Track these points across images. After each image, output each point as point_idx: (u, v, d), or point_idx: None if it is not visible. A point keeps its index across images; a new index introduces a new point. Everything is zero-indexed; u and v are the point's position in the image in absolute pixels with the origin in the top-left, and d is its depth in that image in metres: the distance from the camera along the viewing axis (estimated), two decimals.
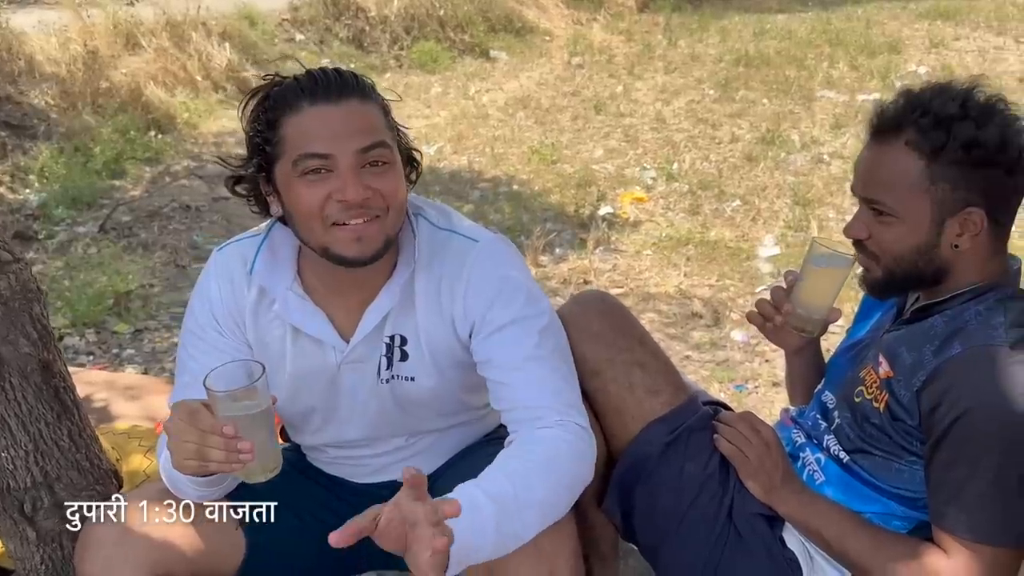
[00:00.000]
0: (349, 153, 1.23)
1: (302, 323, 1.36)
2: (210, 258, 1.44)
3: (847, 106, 6.37)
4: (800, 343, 1.56)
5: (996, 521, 1.21)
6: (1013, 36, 8.24)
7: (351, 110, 1.25)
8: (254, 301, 1.38)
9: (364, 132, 1.25)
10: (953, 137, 1.25)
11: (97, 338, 3.46)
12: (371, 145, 1.25)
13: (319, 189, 1.24)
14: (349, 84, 1.27)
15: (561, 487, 1.23)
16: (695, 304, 3.76)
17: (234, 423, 1.14)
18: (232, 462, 1.15)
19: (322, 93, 1.24)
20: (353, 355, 1.38)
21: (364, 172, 1.25)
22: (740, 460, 1.41)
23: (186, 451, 1.16)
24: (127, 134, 5.49)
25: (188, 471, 1.20)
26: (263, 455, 1.18)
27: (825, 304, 1.43)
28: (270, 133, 1.27)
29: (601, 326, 1.44)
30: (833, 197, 4.84)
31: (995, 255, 1.33)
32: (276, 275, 1.37)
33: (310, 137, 1.24)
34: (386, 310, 1.35)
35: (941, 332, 1.30)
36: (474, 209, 4.78)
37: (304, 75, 1.28)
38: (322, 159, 1.24)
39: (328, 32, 7.85)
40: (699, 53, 8.23)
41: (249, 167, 1.32)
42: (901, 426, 1.30)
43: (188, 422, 1.16)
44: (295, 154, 1.24)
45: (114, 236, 4.32)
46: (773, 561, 1.39)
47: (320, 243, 1.27)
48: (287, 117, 1.25)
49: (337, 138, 1.23)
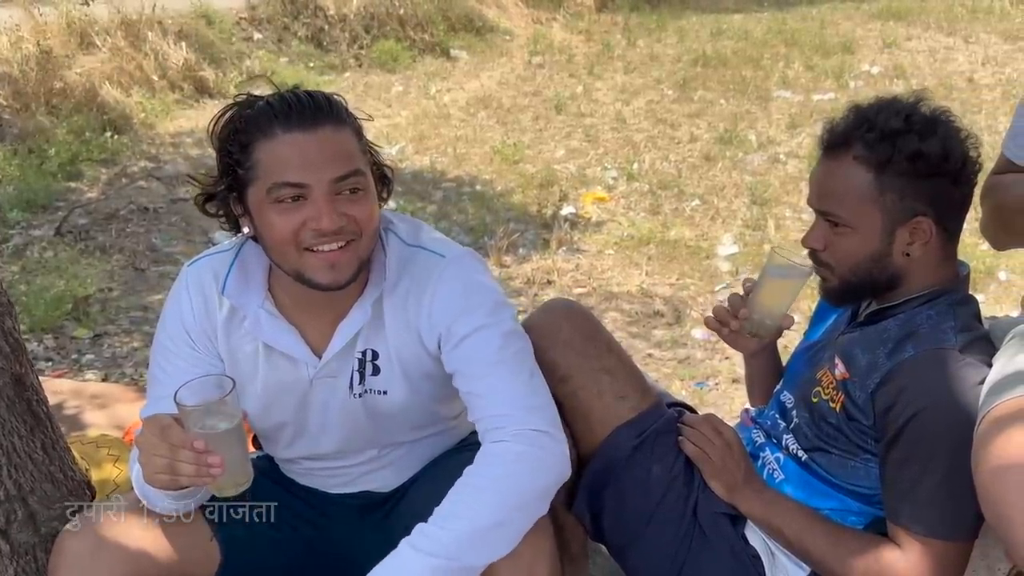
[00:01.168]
0: (324, 182, 1.23)
1: (274, 340, 1.37)
2: (181, 272, 1.44)
3: (802, 106, 6.49)
4: (756, 347, 1.62)
5: (947, 516, 1.27)
6: (962, 36, 8.46)
7: (325, 137, 1.24)
8: (226, 318, 1.38)
9: (339, 160, 1.25)
10: (898, 150, 1.31)
11: (56, 343, 3.41)
12: (346, 174, 1.25)
13: (293, 217, 1.24)
14: (323, 109, 1.26)
15: (511, 505, 1.25)
16: (656, 303, 3.82)
17: (204, 438, 1.15)
18: (203, 476, 1.16)
19: (296, 119, 1.24)
20: (325, 370, 1.39)
21: (339, 200, 1.25)
22: (704, 461, 1.46)
23: (157, 465, 1.17)
24: (82, 135, 5.40)
25: (159, 485, 1.20)
26: (233, 469, 1.19)
27: (779, 311, 1.49)
28: (243, 156, 1.26)
29: (570, 334, 1.47)
30: (789, 196, 4.93)
31: (945, 261, 1.39)
32: (247, 294, 1.37)
33: (284, 165, 1.23)
34: (358, 327, 1.36)
35: (895, 335, 1.36)
36: (437, 210, 4.79)
37: (277, 98, 1.27)
38: (297, 188, 1.23)
39: (286, 31, 7.78)
40: (658, 53, 8.32)
41: (220, 186, 1.32)
42: (856, 425, 1.36)
43: (159, 437, 1.16)
44: (269, 182, 1.24)
45: (71, 239, 4.25)
46: (736, 558, 1.44)
47: (293, 268, 1.28)
48: (260, 142, 1.24)
49: (312, 167, 1.23)
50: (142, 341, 3.43)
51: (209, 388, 1.20)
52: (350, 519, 1.53)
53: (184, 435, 1.16)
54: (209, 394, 1.19)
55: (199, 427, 1.17)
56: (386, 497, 1.54)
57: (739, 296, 1.54)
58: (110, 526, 1.35)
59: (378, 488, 1.54)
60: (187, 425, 1.17)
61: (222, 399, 1.17)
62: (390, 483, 1.54)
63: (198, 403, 1.17)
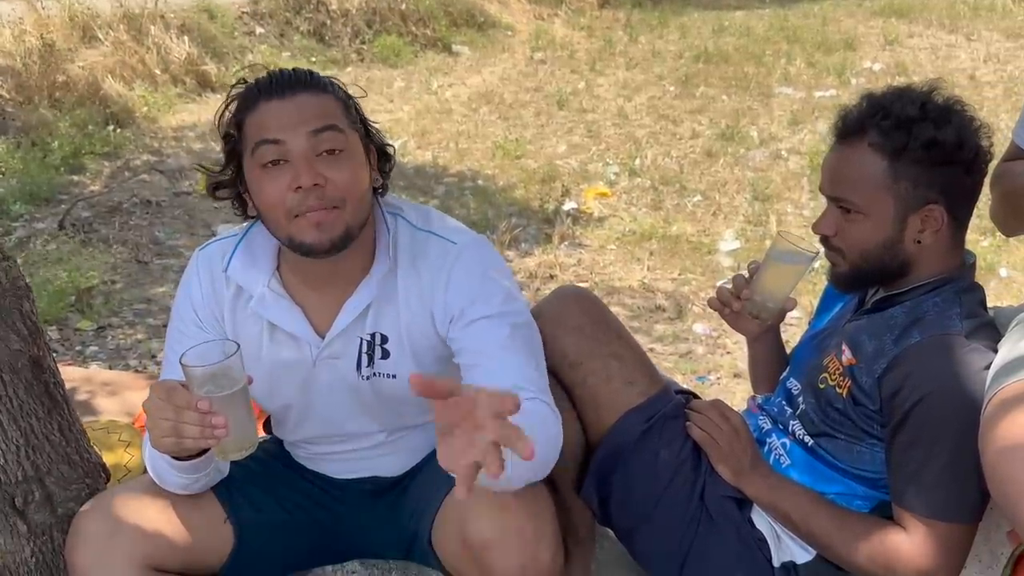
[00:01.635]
0: (300, 137, 1.27)
1: (278, 319, 1.39)
2: (192, 256, 1.47)
3: (804, 103, 6.50)
4: (757, 330, 1.63)
5: (952, 499, 1.29)
6: (964, 34, 8.47)
7: (303, 101, 1.30)
8: (232, 298, 1.41)
9: (315, 118, 1.29)
10: (914, 138, 1.32)
11: (60, 335, 3.42)
12: (322, 128, 1.29)
13: (279, 181, 1.28)
14: (301, 80, 1.32)
15: (550, 446, 1.27)
16: (658, 298, 3.84)
17: (209, 399, 1.17)
18: (207, 437, 1.18)
19: (276, 89, 1.30)
20: (328, 351, 1.40)
21: (319, 161, 1.28)
22: (711, 445, 1.47)
23: (162, 428, 1.18)
24: (85, 128, 5.40)
25: (165, 449, 1.22)
26: (238, 431, 1.21)
27: (782, 295, 1.51)
28: (236, 133, 1.33)
29: (580, 320, 1.49)
30: (791, 192, 4.95)
31: (954, 249, 1.41)
32: (252, 272, 1.39)
33: (264, 127, 1.29)
34: (362, 306, 1.38)
35: (901, 322, 1.37)
36: (439, 204, 4.80)
37: (264, 76, 1.34)
38: (274, 144, 1.28)
39: (288, 26, 7.78)
40: (660, 49, 8.32)
41: (226, 171, 1.37)
42: (863, 411, 1.37)
43: (165, 399, 1.19)
44: (251, 143, 1.30)
45: (73, 232, 4.25)
46: (742, 541, 1.46)
47: (285, 234, 1.31)
48: (247, 116, 1.31)
49: (289, 125, 1.28)
50: (146, 333, 3.45)
51: (215, 352, 1.22)
52: (361, 502, 1.55)
53: (189, 397, 1.18)
54: (215, 358, 1.20)
55: (204, 390, 1.19)
56: (395, 481, 1.55)
57: (743, 277, 1.55)
58: (126, 507, 1.36)
59: (386, 473, 1.55)
60: (192, 388, 1.19)
61: (226, 360, 1.19)
62: (398, 467, 1.55)
63: (202, 365, 1.19)
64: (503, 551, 1.26)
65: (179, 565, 1.39)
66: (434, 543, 1.43)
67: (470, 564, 1.32)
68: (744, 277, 1.55)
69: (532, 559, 1.27)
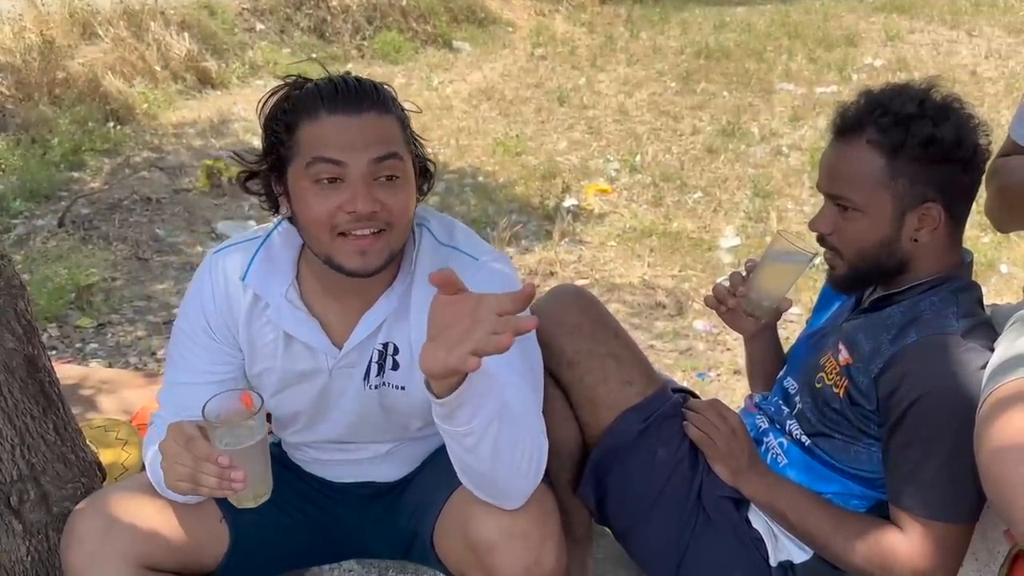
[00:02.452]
0: (362, 163, 1.24)
1: (295, 331, 1.37)
2: (205, 259, 1.44)
3: (805, 99, 6.49)
4: (754, 328, 1.63)
5: (948, 498, 1.29)
6: (966, 30, 8.45)
7: (368, 122, 1.25)
8: (248, 306, 1.38)
9: (379, 143, 1.25)
10: (912, 135, 1.32)
11: (59, 333, 3.42)
12: (385, 155, 1.25)
13: (330, 200, 1.24)
14: (369, 95, 1.27)
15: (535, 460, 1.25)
16: (659, 294, 3.83)
17: (229, 455, 1.17)
18: (224, 490, 1.18)
19: (341, 103, 1.25)
20: (345, 361, 1.39)
21: (376, 185, 1.25)
22: (708, 445, 1.47)
23: (179, 474, 1.19)
24: (85, 125, 5.40)
25: (180, 491, 1.22)
26: (255, 483, 1.21)
27: (778, 294, 1.50)
28: (286, 136, 1.27)
29: (578, 319, 1.48)
30: (792, 189, 4.94)
31: (951, 248, 1.40)
32: (271, 282, 1.37)
33: (325, 143, 1.24)
34: (383, 317, 1.37)
35: (898, 321, 1.37)
36: (440, 201, 4.80)
37: (325, 81, 1.28)
38: (335, 165, 1.24)
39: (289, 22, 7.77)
40: (660, 45, 8.31)
41: (263, 164, 1.33)
42: (860, 410, 1.37)
43: (183, 447, 1.18)
44: (309, 156, 1.25)
45: (73, 229, 4.25)
46: (739, 540, 1.45)
47: (325, 252, 1.28)
48: (305, 123, 1.26)
49: (352, 147, 1.24)
50: (146, 330, 3.45)
51: (236, 401, 1.21)
52: (357, 505, 1.55)
53: (209, 449, 1.17)
54: (235, 407, 1.20)
55: (224, 443, 1.18)
56: (391, 486, 1.55)
57: (740, 275, 1.55)
58: (121, 506, 1.36)
59: (384, 479, 1.55)
60: (212, 440, 1.18)
61: (249, 416, 1.19)
62: (395, 474, 1.55)
63: (224, 420, 1.18)
64: (507, 553, 1.26)
65: (174, 564, 1.38)
66: (436, 543, 1.42)
67: (473, 565, 1.31)
68: (741, 275, 1.55)
69: (536, 562, 1.27)
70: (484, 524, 1.28)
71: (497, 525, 1.27)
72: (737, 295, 1.53)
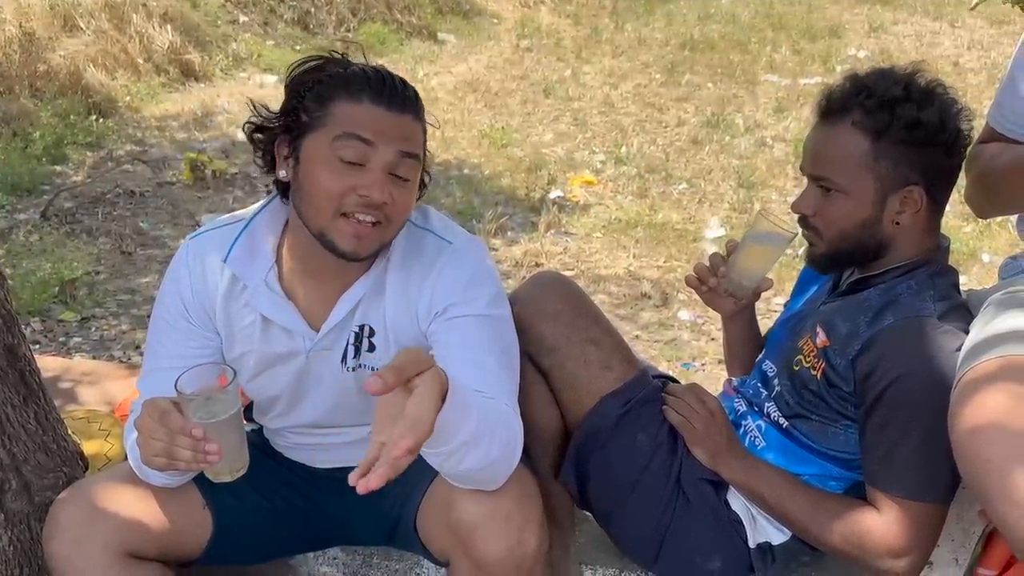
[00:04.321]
0: (390, 152, 1.27)
1: (272, 314, 1.38)
2: (182, 245, 1.44)
3: (789, 90, 6.51)
4: (733, 308, 1.64)
5: (924, 479, 1.30)
6: (948, 21, 8.49)
7: (404, 122, 1.30)
8: (226, 288, 1.39)
9: (409, 140, 1.30)
10: (897, 118, 1.33)
11: (43, 327, 3.40)
12: (410, 153, 1.29)
13: (345, 179, 1.26)
14: (411, 101, 1.31)
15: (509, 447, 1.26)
16: (644, 285, 3.85)
17: (203, 426, 1.17)
18: (199, 462, 1.19)
19: (387, 97, 1.28)
20: (322, 343, 1.40)
21: (391, 180, 1.28)
22: (687, 429, 1.48)
23: (154, 448, 1.19)
24: (67, 118, 5.35)
25: (156, 467, 1.23)
26: (230, 456, 1.21)
27: (757, 274, 1.52)
28: (316, 106, 1.28)
29: (558, 306, 1.49)
30: (776, 180, 4.96)
31: (930, 232, 1.42)
32: (252, 265, 1.38)
33: (361, 123, 1.26)
34: (358, 299, 1.38)
35: (875, 304, 1.38)
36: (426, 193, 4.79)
37: (373, 71, 1.31)
38: (365, 144, 1.26)
39: (272, 14, 7.71)
40: (645, 37, 8.31)
41: (278, 122, 1.34)
42: (837, 392, 1.39)
43: (158, 422, 1.18)
44: (339, 130, 1.26)
45: (56, 223, 4.22)
46: (718, 522, 1.47)
47: (321, 226, 1.29)
48: (343, 100, 1.27)
49: (385, 135, 1.27)
50: (130, 324, 3.44)
51: (209, 375, 1.22)
52: (339, 490, 1.53)
53: (183, 422, 1.18)
54: (209, 382, 1.20)
55: (198, 416, 1.18)
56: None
57: (720, 256, 1.57)
58: (103, 495, 1.36)
59: None
60: (186, 413, 1.19)
61: (222, 389, 1.19)
62: None
63: (198, 392, 1.19)
64: (490, 535, 1.27)
65: (157, 552, 1.39)
66: (419, 527, 1.43)
67: (456, 548, 1.32)
68: (721, 256, 1.56)
69: (518, 543, 1.28)
70: (466, 507, 1.28)
71: (479, 507, 1.28)
72: (718, 275, 1.54)
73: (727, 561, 1.46)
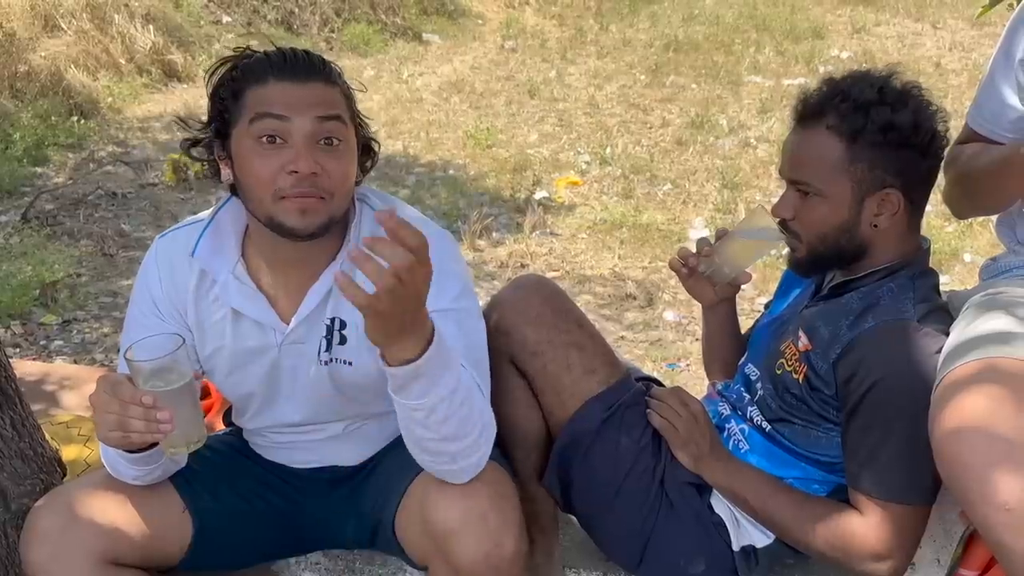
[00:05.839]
0: (307, 121, 1.26)
1: (242, 306, 1.38)
2: (152, 244, 1.45)
3: (773, 91, 6.54)
4: (712, 298, 1.64)
5: (906, 481, 1.31)
6: (930, 22, 8.56)
7: (314, 89, 1.29)
8: (195, 284, 1.39)
9: (323, 104, 1.29)
10: (871, 121, 1.34)
11: (23, 330, 3.37)
12: (328, 116, 1.28)
13: (272, 160, 1.26)
14: (316, 68, 1.31)
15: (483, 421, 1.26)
16: (629, 285, 3.86)
17: (154, 394, 1.17)
18: (152, 432, 1.18)
19: (289, 71, 1.28)
20: (293, 336, 1.39)
21: (318, 149, 1.27)
22: (671, 432, 1.48)
23: (108, 422, 1.18)
24: (48, 119, 5.31)
25: (111, 443, 1.22)
26: (184, 425, 1.21)
27: (740, 264, 1.54)
28: (232, 102, 1.30)
29: (540, 309, 1.49)
30: (760, 180, 4.99)
31: (909, 234, 1.43)
32: (219, 258, 1.38)
33: (271, 102, 1.27)
34: (326, 290, 1.37)
35: (856, 307, 1.39)
36: (410, 194, 4.78)
37: (276, 52, 1.31)
38: (278, 120, 1.26)
39: (256, 14, 7.68)
40: (630, 38, 8.33)
41: (207, 131, 1.35)
42: (819, 396, 1.39)
43: (109, 393, 1.18)
44: (252, 113, 1.27)
45: (37, 225, 4.19)
46: (702, 526, 1.47)
47: (265, 213, 1.30)
48: (251, 88, 1.29)
49: (296, 107, 1.27)
50: (112, 327, 3.41)
51: (161, 346, 1.21)
52: (319, 492, 1.54)
53: (133, 391, 1.17)
54: (161, 352, 1.19)
55: (149, 384, 1.18)
56: (355, 470, 1.55)
57: (708, 240, 1.58)
58: (81, 502, 1.35)
59: (344, 462, 1.54)
60: (137, 382, 1.18)
61: (171, 356, 1.19)
62: (356, 457, 1.54)
63: (147, 359, 1.18)
64: (467, 538, 1.26)
65: (138, 558, 1.37)
66: (397, 532, 1.43)
67: (433, 551, 1.31)
68: (709, 241, 1.57)
69: (496, 546, 1.27)
70: (442, 510, 1.27)
71: (457, 510, 1.27)
72: (702, 254, 1.54)
73: (711, 564, 1.46)
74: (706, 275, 1.56)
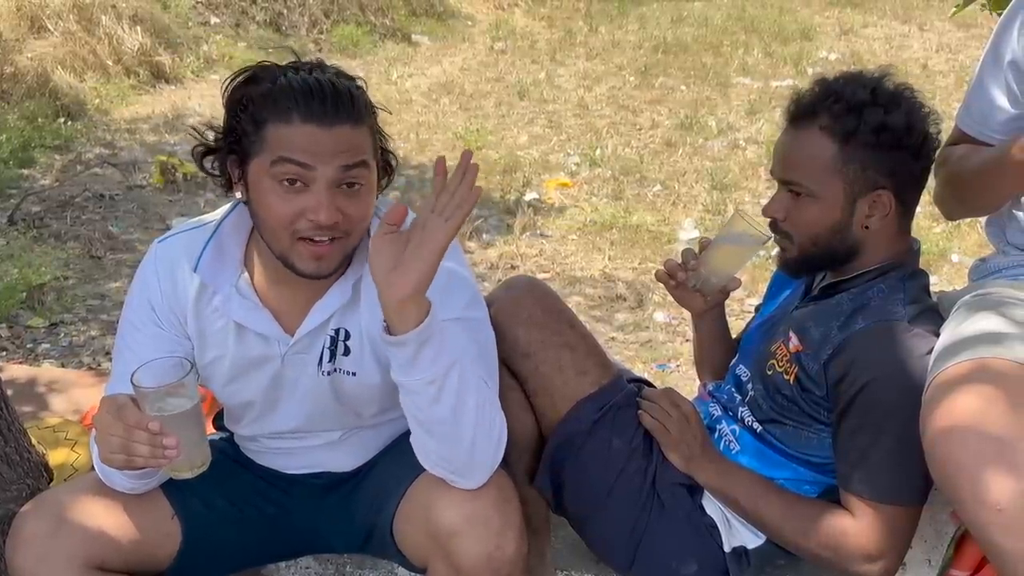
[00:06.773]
0: (330, 169, 1.23)
1: (245, 319, 1.36)
2: (150, 248, 1.42)
3: (761, 92, 6.55)
4: (702, 306, 1.64)
5: (896, 482, 1.31)
6: (918, 24, 8.60)
7: (341, 134, 1.23)
8: (195, 294, 1.36)
9: (349, 151, 1.24)
10: (864, 122, 1.34)
11: (10, 333, 3.35)
12: (353, 164, 1.25)
13: (292, 203, 1.24)
14: (344, 107, 1.24)
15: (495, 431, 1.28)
16: (619, 287, 3.86)
17: (160, 420, 1.15)
18: (158, 458, 1.16)
19: (317, 113, 1.22)
20: (297, 347, 1.38)
21: (339, 194, 1.24)
22: (662, 433, 1.48)
23: (112, 445, 1.17)
24: (35, 121, 5.27)
25: (115, 465, 1.20)
26: (190, 451, 1.19)
27: (726, 272, 1.53)
28: (252, 128, 1.25)
29: (532, 310, 1.48)
30: (748, 181, 4.99)
31: (900, 235, 1.43)
32: (221, 273, 1.35)
33: (294, 147, 1.22)
34: (334, 307, 1.36)
35: (847, 308, 1.39)
36: (400, 196, 4.77)
37: (300, 82, 1.24)
38: (301, 167, 1.22)
39: (244, 15, 7.65)
40: (619, 40, 8.33)
41: (222, 145, 1.31)
42: (810, 396, 1.39)
43: (115, 416, 1.16)
44: (275, 154, 1.23)
45: (24, 227, 4.16)
46: (693, 527, 1.47)
47: (281, 251, 1.28)
48: (274, 123, 1.23)
49: (321, 156, 1.22)
50: (99, 330, 3.39)
51: (167, 370, 1.20)
52: (311, 497, 1.53)
53: (140, 416, 1.16)
54: (167, 376, 1.18)
55: (155, 409, 1.16)
56: (348, 476, 1.54)
57: (692, 251, 1.57)
58: (68, 507, 1.33)
59: (338, 468, 1.54)
60: (143, 407, 1.17)
61: (179, 381, 1.17)
62: (350, 464, 1.54)
63: (154, 385, 1.17)
64: (469, 540, 1.26)
65: (125, 564, 1.36)
66: (396, 533, 1.42)
67: (435, 553, 1.31)
68: (693, 251, 1.57)
69: (497, 548, 1.27)
70: (446, 510, 1.28)
71: (459, 511, 1.27)
72: (688, 268, 1.54)
73: (702, 565, 1.46)
74: (694, 287, 1.56)
